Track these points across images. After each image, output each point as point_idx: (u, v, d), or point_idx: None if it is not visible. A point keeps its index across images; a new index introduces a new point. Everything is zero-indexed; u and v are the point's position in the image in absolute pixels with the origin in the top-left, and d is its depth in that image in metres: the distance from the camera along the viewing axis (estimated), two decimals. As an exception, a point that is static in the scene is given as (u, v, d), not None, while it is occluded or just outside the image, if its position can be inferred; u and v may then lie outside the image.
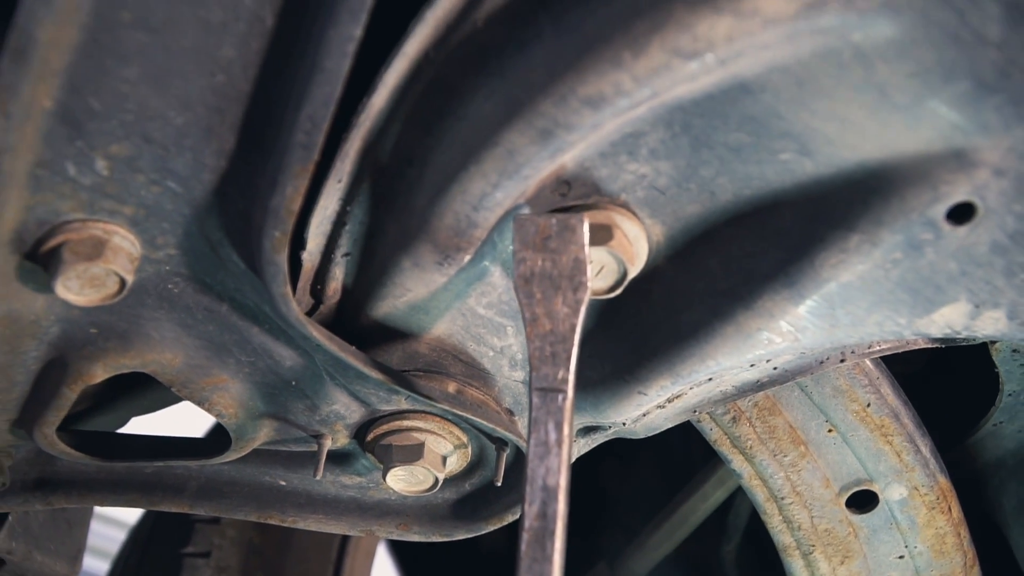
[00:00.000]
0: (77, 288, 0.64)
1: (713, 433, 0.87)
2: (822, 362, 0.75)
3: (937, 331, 0.69)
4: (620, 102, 0.54)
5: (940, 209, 0.59)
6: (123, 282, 0.65)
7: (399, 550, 2.11)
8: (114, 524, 3.32)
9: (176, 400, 1.04)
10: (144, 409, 1.02)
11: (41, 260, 0.65)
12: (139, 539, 1.53)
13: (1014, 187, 0.58)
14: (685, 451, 1.58)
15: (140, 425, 1.07)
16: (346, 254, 0.70)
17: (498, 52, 0.58)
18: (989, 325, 0.67)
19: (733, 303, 0.67)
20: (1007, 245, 0.61)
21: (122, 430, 1.09)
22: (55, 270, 0.63)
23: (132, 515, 1.87)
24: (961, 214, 0.60)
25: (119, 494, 0.92)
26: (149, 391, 1.01)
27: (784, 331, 0.68)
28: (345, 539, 1.59)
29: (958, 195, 0.59)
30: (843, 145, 0.58)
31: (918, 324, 0.68)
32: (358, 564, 1.58)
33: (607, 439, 0.83)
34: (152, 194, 0.63)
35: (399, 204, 0.65)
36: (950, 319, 0.67)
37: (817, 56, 0.53)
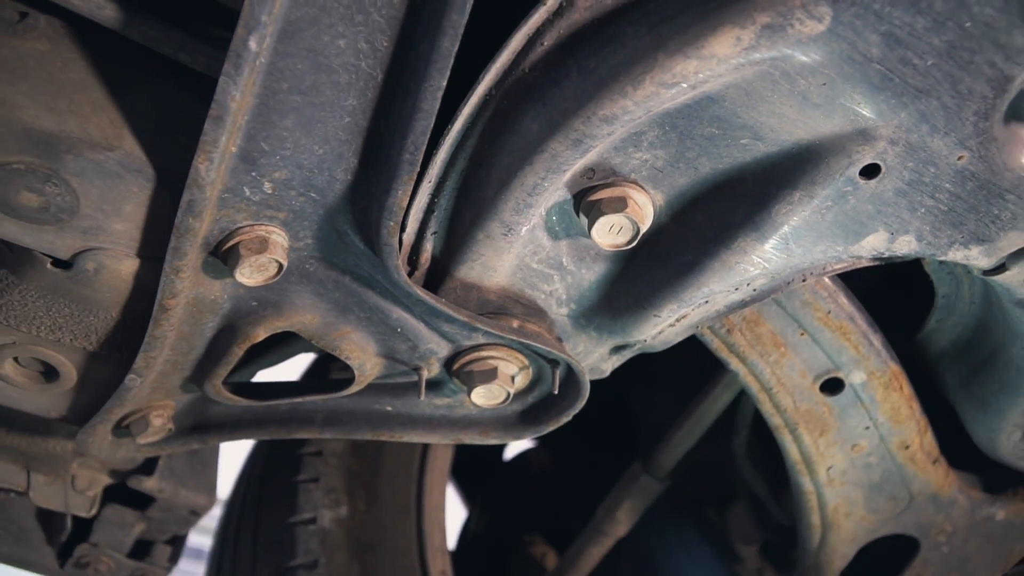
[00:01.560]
0: (249, 273, 0.82)
1: (713, 343, 1.06)
2: (789, 283, 0.90)
3: (867, 254, 0.88)
4: (625, 118, 0.74)
5: (855, 170, 0.79)
6: (281, 267, 0.82)
7: (459, 475, 2.27)
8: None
9: (292, 355, 1.25)
10: (271, 363, 1.20)
11: (221, 256, 0.83)
12: (253, 475, 1.73)
13: (905, 151, 0.78)
14: (701, 376, 1.70)
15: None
16: (434, 232, 0.87)
17: (540, 88, 0.75)
18: (904, 246, 0.87)
19: (717, 246, 0.85)
20: (906, 190, 0.82)
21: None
22: (234, 262, 0.81)
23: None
24: (870, 172, 0.80)
25: (262, 428, 1.09)
26: (275, 349, 1.20)
27: (756, 262, 0.87)
28: (423, 460, 1.77)
29: (866, 159, 0.78)
30: (783, 132, 0.78)
31: (851, 250, 0.87)
32: (435, 479, 1.76)
33: (634, 355, 1.02)
34: (299, 203, 0.81)
35: (473, 195, 0.83)
36: (875, 244, 0.87)
37: (757, 77, 0.73)
